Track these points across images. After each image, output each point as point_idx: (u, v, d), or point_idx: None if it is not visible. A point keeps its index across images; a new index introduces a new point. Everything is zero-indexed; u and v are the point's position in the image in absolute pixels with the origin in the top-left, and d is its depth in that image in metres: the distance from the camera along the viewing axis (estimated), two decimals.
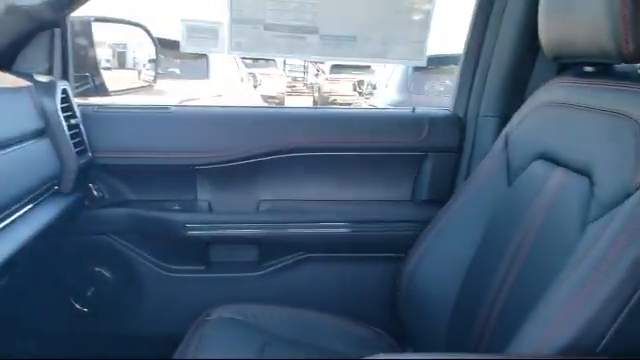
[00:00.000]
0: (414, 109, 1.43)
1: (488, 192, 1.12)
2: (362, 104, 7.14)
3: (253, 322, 1.21)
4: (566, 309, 0.74)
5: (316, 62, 10.48)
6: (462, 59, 1.40)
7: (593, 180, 0.85)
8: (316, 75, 13.16)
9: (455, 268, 1.11)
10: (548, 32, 1.00)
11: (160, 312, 1.38)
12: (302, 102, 12.58)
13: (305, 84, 14.43)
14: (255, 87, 7.57)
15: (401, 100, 4.88)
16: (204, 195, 1.41)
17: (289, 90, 12.80)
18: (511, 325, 0.82)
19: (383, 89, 5.75)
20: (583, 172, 0.88)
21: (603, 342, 0.72)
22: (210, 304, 1.25)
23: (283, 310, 1.27)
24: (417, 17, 1.31)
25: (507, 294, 0.95)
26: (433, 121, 1.40)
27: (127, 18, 1.53)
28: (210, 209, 1.40)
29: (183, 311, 1.26)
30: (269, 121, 1.42)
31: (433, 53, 1.41)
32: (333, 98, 11.10)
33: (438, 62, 4.01)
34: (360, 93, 6.98)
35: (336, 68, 11.02)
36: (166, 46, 2.02)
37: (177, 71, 4.54)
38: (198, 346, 1.10)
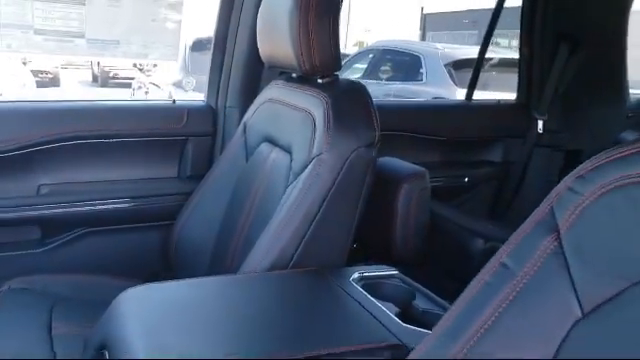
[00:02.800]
0: (174, 101, 1.72)
1: (233, 166, 1.47)
2: (144, 80, 7.12)
3: (41, 289, 1.40)
4: (269, 241, 1.12)
5: None
6: (211, 59, 1.72)
7: (292, 157, 1.24)
8: None
9: (213, 222, 1.44)
10: (262, 46, 1.36)
11: None
12: (79, 76, 11.87)
13: None
14: (25, 63, 7.05)
15: (180, 79, 5.11)
16: None
17: (65, 64, 11.95)
18: (245, 257, 1.18)
19: (164, 67, 5.87)
20: (287, 151, 1.27)
21: (292, 261, 1.11)
22: None
23: (68, 277, 1.48)
24: (170, 25, 1.59)
25: (245, 237, 1.31)
26: (191, 111, 1.70)
27: None
28: None
29: None
30: (42, 114, 1.58)
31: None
32: (114, 73, 10.70)
33: None
34: (141, 70, 6.96)
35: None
36: None
37: None
38: None
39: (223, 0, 1.63)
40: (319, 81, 1.27)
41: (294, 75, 1.38)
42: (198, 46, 4.94)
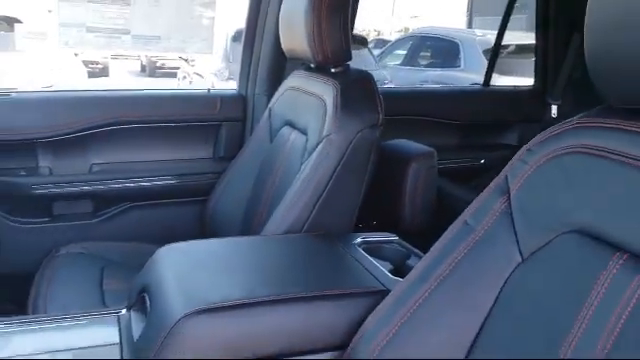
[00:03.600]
0: (209, 90, 1.92)
1: (260, 148, 1.65)
2: (188, 70, 7.39)
3: (94, 254, 1.62)
4: (285, 210, 1.29)
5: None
6: (242, 54, 1.91)
7: (307, 137, 1.41)
8: None
9: (241, 197, 1.63)
10: (283, 39, 1.53)
11: (16, 255, 1.72)
12: (128, 67, 12.28)
13: None
14: (76, 55, 7.41)
15: (222, 67, 5.34)
16: (45, 162, 1.76)
17: (114, 55, 12.37)
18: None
19: (207, 58, 6.11)
20: (304, 132, 1.44)
21: (304, 227, 1.28)
22: (57, 245, 1.64)
23: (116, 244, 1.70)
24: (205, 22, 1.78)
25: (268, 208, 1.48)
26: (223, 99, 1.90)
27: None
28: (51, 173, 1.76)
29: (35, 252, 1.63)
30: (95, 102, 1.80)
31: None
32: (161, 63, 11.08)
33: None
34: (186, 60, 7.23)
35: None
36: None
37: None
38: (52, 272, 1.50)
39: (252, 1, 1.82)
40: (332, 70, 1.43)
41: (312, 65, 1.54)
42: (239, 37, 5.16)
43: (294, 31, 1.43)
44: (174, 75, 8.19)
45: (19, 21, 3.04)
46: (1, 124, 1.66)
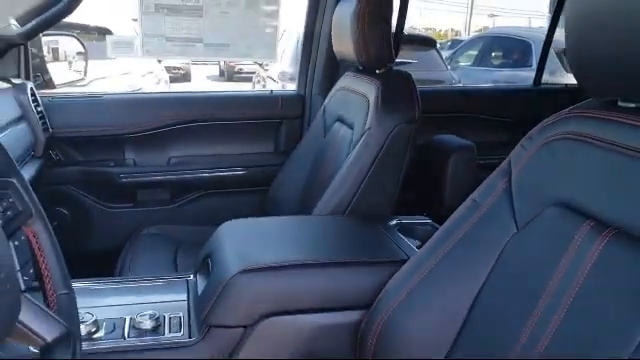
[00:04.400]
0: (272, 91, 2.12)
1: (315, 142, 1.83)
2: (263, 75, 7.70)
3: (170, 235, 1.86)
4: (332, 194, 1.46)
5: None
6: (301, 57, 2.10)
7: (353, 131, 1.57)
8: None
9: (298, 185, 1.81)
10: (335, 45, 1.71)
11: (106, 234, 2.00)
12: (208, 72, 12.87)
13: None
14: (160, 61, 7.92)
15: (292, 71, 5.58)
16: (130, 155, 2.03)
17: (195, 60, 12.98)
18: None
19: (278, 61, 6.38)
20: (351, 127, 1.60)
21: (348, 209, 1.45)
22: (139, 227, 1.89)
23: (189, 227, 1.93)
24: (268, 30, 1.98)
25: (321, 192, 1.65)
26: (284, 98, 2.10)
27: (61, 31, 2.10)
28: (135, 164, 2.03)
29: (121, 232, 1.89)
30: (174, 102, 2.05)
31: None
32: (238, 68, 11.58)
33: None
34: (260, 65, 7.57)
35: None
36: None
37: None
38: (135, 249, 1.75)
39: (309, 11, 2.01)
40: (377, 72, 1.59)
41: (360, 67, 1.71)
42: None
43: (343, 37, 1.61)
44: (250, 79, 8.55)
45: (110, 32, 3.40)
46: (94, 122, 1.94)
